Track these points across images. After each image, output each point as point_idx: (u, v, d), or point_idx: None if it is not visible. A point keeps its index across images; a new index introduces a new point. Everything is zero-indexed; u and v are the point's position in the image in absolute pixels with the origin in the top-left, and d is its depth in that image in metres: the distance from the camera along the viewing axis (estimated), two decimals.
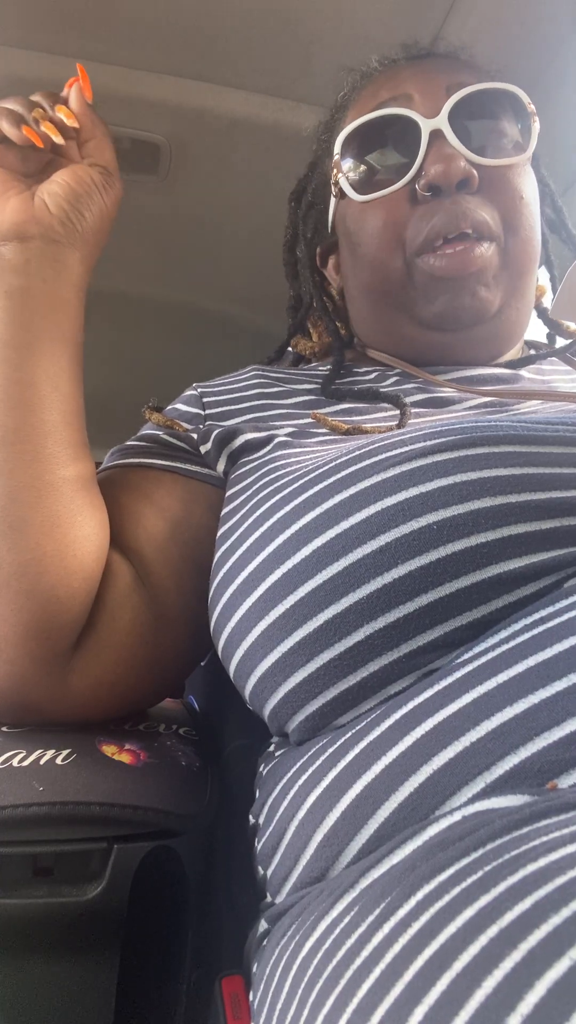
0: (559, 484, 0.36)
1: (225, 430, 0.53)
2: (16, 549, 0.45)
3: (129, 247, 0.56)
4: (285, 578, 0.38)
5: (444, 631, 0.35)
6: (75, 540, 0.47)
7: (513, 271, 0.57)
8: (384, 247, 0.57)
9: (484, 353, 0.60)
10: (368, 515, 0.36)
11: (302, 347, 0.72)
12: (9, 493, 0.46)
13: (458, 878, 0.24)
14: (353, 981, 0.24)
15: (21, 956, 0.40)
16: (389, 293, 0.58)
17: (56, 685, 0.47)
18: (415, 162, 0.55)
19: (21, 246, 0.50)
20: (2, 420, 0.47)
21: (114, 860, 0.40)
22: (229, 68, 0.83)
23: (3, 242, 0.50)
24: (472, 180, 0.54)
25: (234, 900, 0.46)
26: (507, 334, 0.60)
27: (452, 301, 0.55)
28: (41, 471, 0.47)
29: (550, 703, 0.29)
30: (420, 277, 0.56)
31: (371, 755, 0.33)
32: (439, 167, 0.54)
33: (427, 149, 0.55)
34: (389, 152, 0.58)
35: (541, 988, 0.19)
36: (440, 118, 0.55)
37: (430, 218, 0.55)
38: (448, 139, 0.54)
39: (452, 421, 0.41)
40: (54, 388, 0.49)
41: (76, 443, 0.50)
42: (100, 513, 0.51)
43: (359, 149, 0.59)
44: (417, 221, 0.55)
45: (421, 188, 0.55)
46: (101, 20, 0.77)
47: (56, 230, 0.51)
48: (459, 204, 0.54)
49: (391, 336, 0.61)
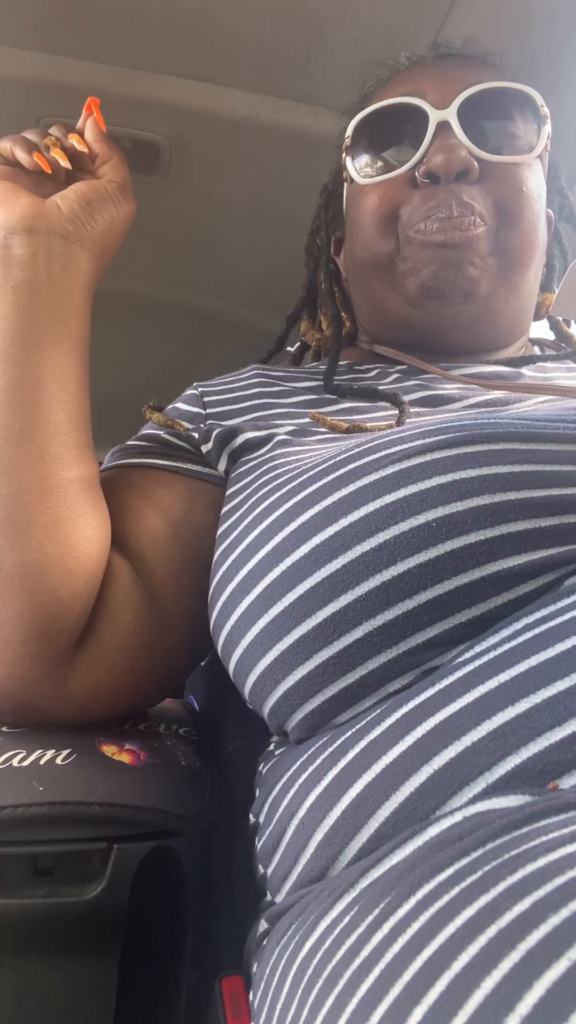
0: (558, 481, 0.36)
1: (226, 429, 0.53)
2: (19, 550, 0.45)
3: (129, 247, 0.56)
4: (284, 576, 0.38)
5: (443, 629, 0.35)
6: (78, 541, 0.47)
7: (504, 261, 0.57)
8: (378, 225, 0.59)
9: (469, 337, 0.60)
10: (367, 512, 0.36)
11: (310, 336, 0.73)
12: (13, 494, 0.46)
13: (458, 878, 0.24)
14: (352, 981, 0.24)
15: (21, 956, 0.40)
16: (379, 269, 0.60)
17: (57, 686, 0.47)
18: (419, 149, 0.56)
19: (28, 239, 0.50)
20: (8, 419, 0.47)
21: (114, 860, 0.40)
22: (229, 68, 0.83)
23: (11, 235, 0.50)
24: (471, 171, 0.55)
25: (234, 900, 0.46)
26: (493, 322, 0.60)
27: (438, 272, 0.56)
28: (46, 472, 0.47)
29: (551, 703, 0.29)
30: (407, 251, 0.57)
31: (371, 754, 0.33)
32: (440, 156, 0.55)
33: (432, 139, 0.56)
34: (397, 140, 0.60)
35: (540, 988, 0.19)
36: (449, 111, 0.56)
37: (426, 202, 0.56)
38: (454, 131, 0.55)
39: (451, 419, 0.41)
40: (60, 387, 0.49)
41: (81, 444, 0.50)
42: (103, 514, 0.51)
43: (368, 136, 0.61)
44: (412, 204, 0.57)
45: (420, 175, 0.56)
46: (101, 20, 0.77)
47: (65, 226, 0.51)
48: (454, 192, 0.55)
49: (382, 316, 0.62)
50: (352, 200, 0.64)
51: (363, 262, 0.61)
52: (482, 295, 0.57)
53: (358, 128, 0.62)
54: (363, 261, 0.61)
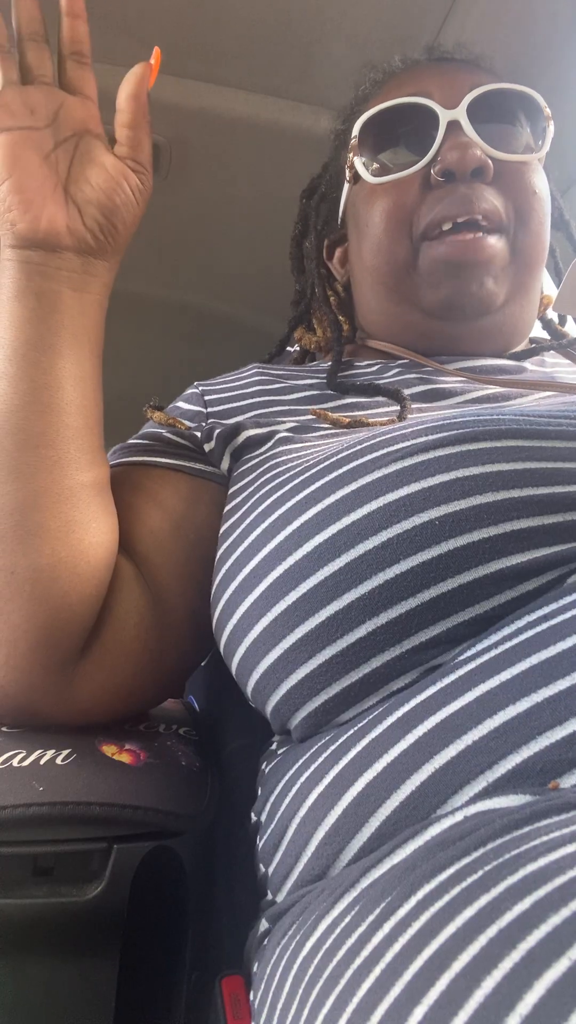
0: (561, 479, 0.36)
1: (228, 427, 0.53)
2: (32, 555, 0.45)
3: (129, 247, 0.55)
4: (287, 574, 0.38)
5: (446, 627, 0.35)
6: (89, 546, 0.47)
7: (520, 265, 0.57)
8: (391, 229, 0.57)
9: (489, 347, 0.60)
10: (370, 511, 0.36)
11: (307, 341, 0.72)
12: (28, 498, 0.45)
13: (458, 878, 0.24)
14: (353, 981, 0.24)
15: (21, 956, 0.40)
16: (393, 277, 0.59)
17: (62, 690, 0.47)
18: (431, 149, 0.56)
19: (52, 256, 0.49)
20: (28, 424, 0.46)
21: (114, 860, 0.40)
22: (229, 68, 0.83)
23: (33, 248, 0.49)
24: (487, 169, 0.55)
25: (234, 900, 0.46)
26: (511, 329, 0.60)
27: (458, 289, 0.56)
28: (61, 476, 0.47)
29: (553, 702, 0.29)
30: (425, 263, 0.56)
31: (373, 753, 0.33)
32: (455, 153, 0.54)
33: (444, 137, 0.56)
34: (406, 140, 0.59)
35: (540, 988, 0.19)
36: (459, 110, 0.56)
37: (441, 200, 0.55)
38: (465, 129, 0.55)
39: (454, 415, 0.41)
40: (79, 393, 0.49)
41: (95, 448, 0.50)
42: (112, 517, 0.50)
43: (377, 134, 0.60)
44: (427, 205, 0.56)
45: (436, 173, 0.55)
46: (101, 20, 0.77)
47: (89, 243, 0.50)
48: (473, 190, 0.55)
49: (396, 325, 0.61)
50: (359, 201, 0.62)
51: (374, 267, 0.60)
52: (500, 305, 0.57)
53: (365, 128, 0.60)
54: (374, 266, 0.60)
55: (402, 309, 0.59)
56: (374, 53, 0.78)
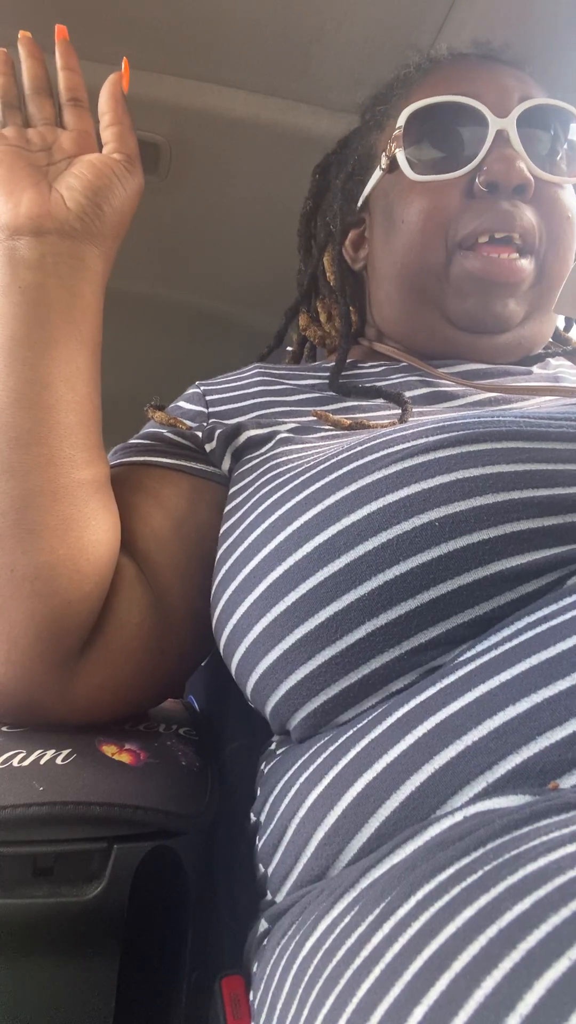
0: (562, 480, 0.36)
1: (229, 427, 0.53)
2: (31, 553, 0.45)
3: (129, 247, 0.55)
4: (287, 575, 0.38)
5: (446, 628, 0.35)
6: (89, 544, 0.47)
7: (544, 286, 0.58)
8: (428, 231, 0.57)
9: (504, 359, 0.60)
10: (370, 512, 0.36)
11: (311, 332, 0.71)
12: (24, 496, 0.45)
13: (458, 878, 0.24)
14: (353, 981, 0.24)
15: (21, 956, 0.40)
16: (422, 278, 0.58)
17: (62, 688, 0.47)
18: (477, 156, 0.55)
19: (36, 241, 0.49)
20: (18, 421, 0.46)
21: (114, 860, 0.40)
22: (229, 68, 0.83)
23: (18, 236, 0.49)
24: (529, 186, 0.55)
25: (234, 900, 0.46)
26: (529, 344, 0.60)
27: (483, 304, 0.56)
28: (56, 474, 0.47)
29: (552, 702, 0.29)
30: (456, 272, 0.56)
31: (372, 753, 0.33)
32: (501, 166, 0.54)
33: (491, 146, 0.55)
34: (452, 139, 0.57)
35: (540, 988, 0.19)
36: (509, 120, 0.55)
37: (482, 214, 0.55)
38: (512, 142, 0.55)
39: (455, 417, 0.41)
40: (70, 389, 0.49)
41: (92, 445, 0.50)
42: (113, 515, 0.50)
43: (422, 128, 0.58)
44: (468, 215, 0.55)
45: (480, 183, 0.55)
46: (101, 20, 0.77)
47: (72, 225, 0.50)
48: (515, 207, 0.55)
49: (414, 325, 0.61)
50: (393, 193, 0.60)
51: (404, 265, 0.59)
52: (518, 323, 0.57)
53: (411, 119, 0.58)
54: (404, 264, 0.59)
55: (424, 311, 0.59)
56: (374, 53, 0.78)
